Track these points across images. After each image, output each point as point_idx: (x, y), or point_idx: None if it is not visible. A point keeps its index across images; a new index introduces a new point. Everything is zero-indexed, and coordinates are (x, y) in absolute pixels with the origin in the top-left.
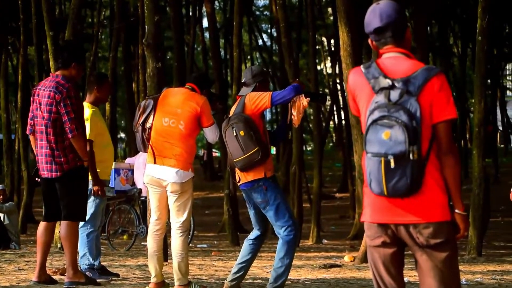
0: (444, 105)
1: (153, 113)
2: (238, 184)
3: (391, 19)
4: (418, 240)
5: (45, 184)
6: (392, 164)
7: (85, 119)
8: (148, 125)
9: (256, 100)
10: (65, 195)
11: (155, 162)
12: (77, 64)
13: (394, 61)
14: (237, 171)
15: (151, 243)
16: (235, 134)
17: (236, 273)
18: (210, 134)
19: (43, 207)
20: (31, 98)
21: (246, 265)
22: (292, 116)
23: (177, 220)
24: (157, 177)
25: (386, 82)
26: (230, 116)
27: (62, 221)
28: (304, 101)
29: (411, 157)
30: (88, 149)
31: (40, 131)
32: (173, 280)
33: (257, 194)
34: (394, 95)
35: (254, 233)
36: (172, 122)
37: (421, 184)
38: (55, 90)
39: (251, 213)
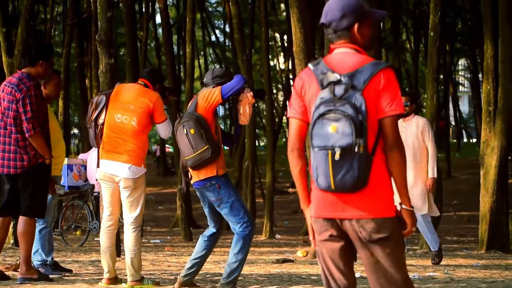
0: (389, 100)
1: (105, 109)
2: (191, 182)
3: (334, 17)
4: (360, 235)
5: (4, 180)
6: (337, 156)
7: None
8: (100, 121)
9: (208, 97)
10: (25, 192)
11: (107, 158)
12: (44, 62)
13: (343, 56)
14: (190, 169)
15: (104, 238)
16: (185, 132)
17: (189, 268)
18: (163, 130)
19: None
20: None
21: (200, 261)
22: (240, 116)
23: (130, 215)
24: (110, 173)
25: (334, 76)
26: (182, 115)
27: (20, 217)
28: (249, 96)
29: (356, 149)
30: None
31: (2, 126)
32: (126, 275)
33: (210, 193)
34: (339, 90)
35: (210, 230)
36: (125, 119)
37: (367, 178)
38: (16, 88)
39: (206, 210)
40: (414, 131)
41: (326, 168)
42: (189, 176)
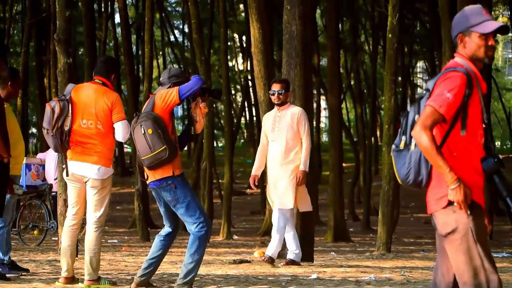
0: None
1: (70, 116)
2: (147, 182)
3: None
4: None
5: None
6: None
7: None
8: (66, 128)
9: (165, 97)
10: None
11: (76, 159)
12: None
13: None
14: (146, 169)
15: (66, 237)
16: (143, 132)
17: (146, 268)
18: (119, 130)
19: None
20: None
21: (156, 261)
22: (195, 124)
23: (94, 215)
24: (79, 174)
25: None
26: (139, 114)
27: None
28: (201, 106)
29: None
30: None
31: None
32: (83, 275)
33: (166, 193)
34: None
35: (166, 230)
36: (90, 123)
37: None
38: None
39: (162, 210)
40: (289, 121)
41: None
42: (145, 176)
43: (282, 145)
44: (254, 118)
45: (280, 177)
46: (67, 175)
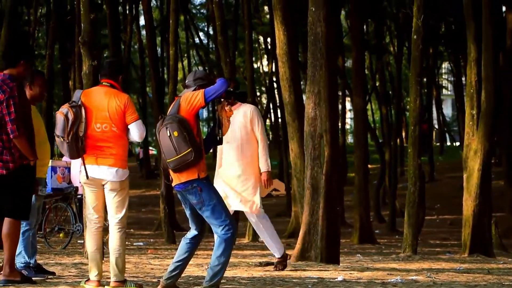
0: None
1: (84, 121)
2: (172, 185)
3: None
4: None
5: None
6: None
7: None
8: (81, 133)
9: (190, 100)
10: (9, 193)
11: (93, 163)
12: (25, 62)
13: None
14: (171, 171)
15: (92, 241)
16: (168, 134)
17: (172, 271)
18: (134, 130)
19: None
20: None
21: (182, 264)
22: (221, 124)
23: (116, 216)
24: (97, 177)
25: None
26: (165, 116)
27: (5, 218)
28: (227, 109)
29: None
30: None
31: None
32: (108, 278)
33: (192, 196)
34: None
35: (192, 232)
36: (105, 127)
37: None
38: None
39: (188, 213)
40: (242, 121)
41: None
42: (170, 179)
43: (237, 146)
44: (279, 120)
45: (240, 181)
46: (87, 178)
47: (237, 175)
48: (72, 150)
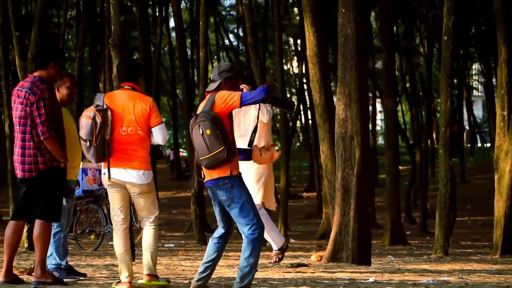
0: None
1: (110, 125)
2: (203, 181)
3: None
4: None
5: (20, 183)
6: None
7: None
8: (107, 137)
9: (226, 99)
10: (40, 195)
11: (119, 166)
12: (55, 63)
13: None
14: (203, 168)
15: (120, 243)
16: (201, 132)
17: (202, 272)
18: (158, 133)
19: (13, 206)
20: (12, 99)
21: (212, 264)
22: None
23: (150, 217)
24: (124, 180)
25: None
26: (198, 113)
27: (36, 220)
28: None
29: None
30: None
31: (17, 131)
32: (140, 279)
33: (222, 192)
34: None
35: (219, 231)
36: (131, 130)
37: None
38: (29, 91)
39: (216, 210)
40: (255, 113)
41: None
42: (202, 176)
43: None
44: (310, 122)
45: (248, 173)
46: (109, 179)
47: (248, 169)
48: (99, 154)
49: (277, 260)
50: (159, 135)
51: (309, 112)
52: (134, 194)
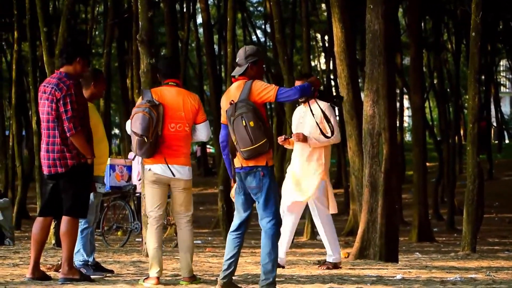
0: None
1: (161, 121)
2: (236, 167)
3: None
4: None
5: (47, 180)
6: None
7: None
8: (160, 133)
9: (262, 92)
10: (67, 192)
11: (164, 162)
12: (81, 58)
13: None
14: (238, 156)
15: (153, 239)
16: (244, 124)
17: (226, 269)
18: (204, 131)
19: (40, 202)
20: (38, 95)
21: (234, 260)
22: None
23: (186, 214)
24: (170, 176)
25: None
26: (236, 102)
27: (63, 216)
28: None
29: None
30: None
31: (44, 127)
32: (165, 277)
33: (252, 179)
34: None
35: (235, 224)
36: (179, 127)
37: None
38: (56, 87)
39: (240, 198)
40: (313, 117)
41: None
42: (237, 163)
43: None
44: (337, 118)
45: (304, 174)
46: (154, 175)
47: (304, 169)
48: (153, 149)
49: (325, 268)
50: (204, 132)
51: (336, 108)
52: (178, 189)
